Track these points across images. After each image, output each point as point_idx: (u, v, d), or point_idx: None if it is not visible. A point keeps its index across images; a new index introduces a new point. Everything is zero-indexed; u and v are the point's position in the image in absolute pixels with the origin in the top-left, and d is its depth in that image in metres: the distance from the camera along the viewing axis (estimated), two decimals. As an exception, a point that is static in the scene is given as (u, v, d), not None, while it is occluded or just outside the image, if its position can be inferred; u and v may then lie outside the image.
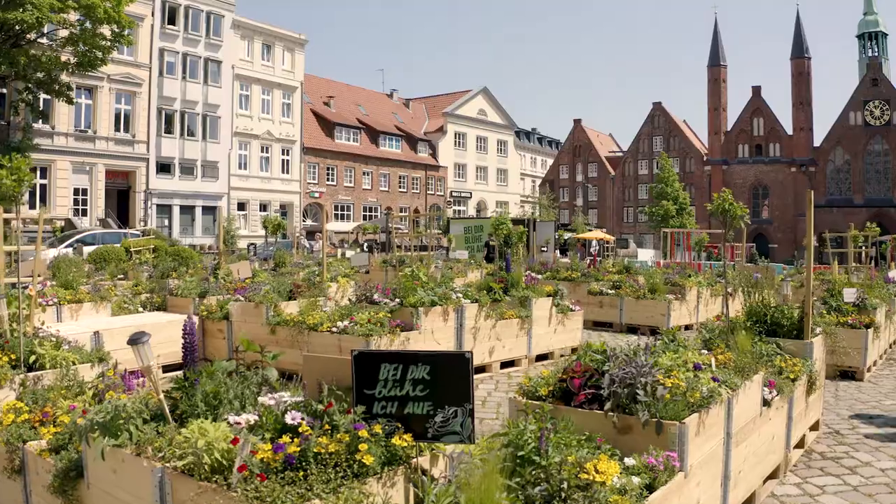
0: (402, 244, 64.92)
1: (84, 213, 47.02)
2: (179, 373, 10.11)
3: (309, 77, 67.37)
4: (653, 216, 67.78)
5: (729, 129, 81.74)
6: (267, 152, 60.56)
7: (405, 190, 76.59)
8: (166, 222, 52.48)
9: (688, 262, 36.33)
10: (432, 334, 8.50)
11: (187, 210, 53.88)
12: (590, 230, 54.29)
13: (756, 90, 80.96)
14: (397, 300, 8.56)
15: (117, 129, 48.77)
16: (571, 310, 10.99)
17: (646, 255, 60.11)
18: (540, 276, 16.19)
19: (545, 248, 31.78)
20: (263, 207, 60.54)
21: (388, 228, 59.80)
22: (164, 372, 9.61)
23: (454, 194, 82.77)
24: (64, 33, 37.78)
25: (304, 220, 65.30)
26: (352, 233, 67.15)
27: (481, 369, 9.41)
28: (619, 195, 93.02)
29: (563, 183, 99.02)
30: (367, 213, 71.47)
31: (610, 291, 14.91)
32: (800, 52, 77.98)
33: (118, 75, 47.81)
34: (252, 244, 34.24)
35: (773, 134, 79.62)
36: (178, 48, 52.04)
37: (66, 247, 29.24)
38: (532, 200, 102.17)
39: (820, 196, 76.89)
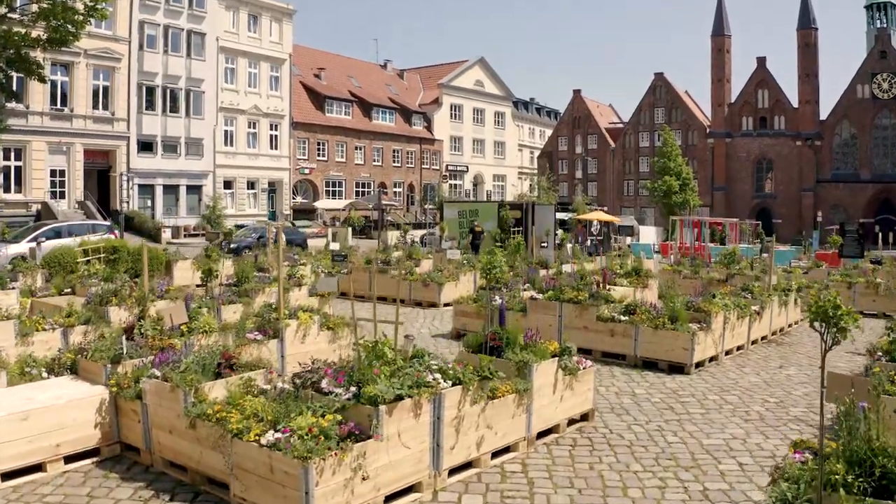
0: (394, 221, 63.44)
1: (62, 195, 44.88)
2: (87, 462, 8.14)
3: (298, 48, 64.83)
4: (655, 191, 65.60)
5: (733, 101, 79.30)
6: (254, 128, 58.25)
7: (399, 164, 74.44)
8: (149, 203, 50.33)
9: (696, 249, 34.43)
10: (399, 438, 6.37)
11: (171, 190, 51.76)
12: (591, 209, 52.07)
13: (761, 61, 78.46)
14: (353, 389, 6.44)
15: (95, 106, 46.48)
16: (581, 368, 8.86)
17: (648, 234, 58.10)
18: (541, 297, 14.11)
19: (545, 243, 29.56)
20: (251, 185, 58.46)
21: (380, 205, 57.81)
22: (67, 462, 7.58)
23: (450, 168, 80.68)
24: (35, 8, 35.24)
25: (294, 198, 63.12)
26: (344, 210, 65.05)
27: (468, 465, 7.31)
28: (619, 168, 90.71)
29: (561, 155, 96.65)
30: (360, 189, 69.32)
31: (623, 318, 12.79)
32: (806, 23, 75.38)
33: (95, 50, 45.43)
34: (226, 238, 32.01)
35: (779, 106, 77.20)
36: (159, 20, 49.59)
37: (30, 241, 27.05)
38: (531, 171, 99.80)
39: (825, 170, 74.77)
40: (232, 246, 31.80)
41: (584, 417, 9.13)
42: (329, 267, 22.54)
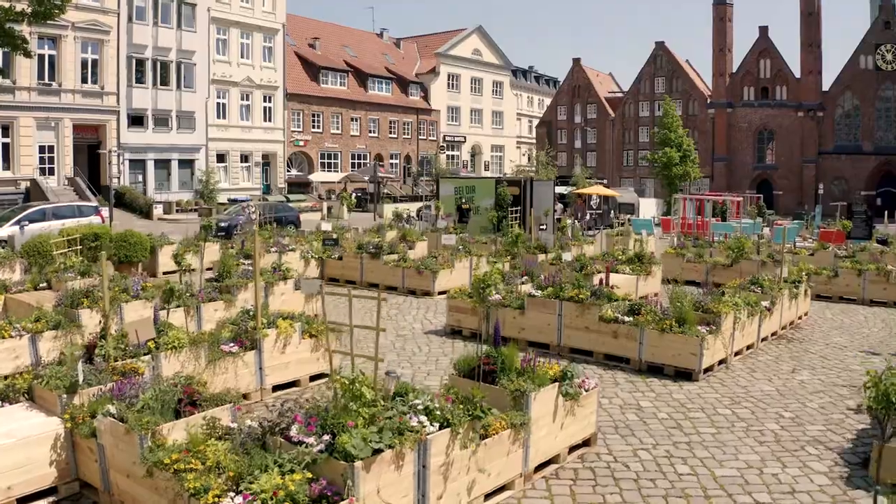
0: (390, 193, 62.57)
1: (51, 171, 43.94)
2: (43, 502, 7.39)
3: (292, 17, 63.57)
4: (655, 163, 64.58)
5: (734, 70, 77.91)
6: (247, 100, 57.16)
7: (396, 136, 73.42)
8: (140, 178, 49.43)
9: (698, 225, 33.68)
10: (378, 495, 5.63)
11: (162, 164, 50.80)
12: (591, 183, 51.09)
13: (763, 30, 76.93)
14: (327, 437, 5.70)
15: (84, 80, 45.39)
16: (584, 391, 8.11)
17: (648, 206, 57.22)
18: (539, 293, 13.35)
19: (544, 226, 28.66)
20: (245, 158, 57.50)
21: (376, 178, 56.88)
22: (20, 506, 6.87)
23: (447, 139, 79.66)
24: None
25: (288, 171, 62.18)
26: (340, 182, 64.07)
27: (458, 512, 6.58)
28: (618, 138, 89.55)
29: (560, 124, 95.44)
30: (356, 161, 68.32)
31: (627, 319, 12.02)
32: (810, -9, 73.90)
33: (83, 23, 44.29)
34: (205, 230, 30.71)
35: (781, 77, 75.85)
36: (148, -9, 48.31)
37: (12, 225, 26.19)
38: (529, 141, 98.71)
39: (827, 142, 73.65)
40: (222, 224, 30.74)
41: (587, 442, 8.41)
42: (319, 252, 21.76)
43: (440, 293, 18.90)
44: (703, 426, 9.32)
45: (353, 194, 60.97)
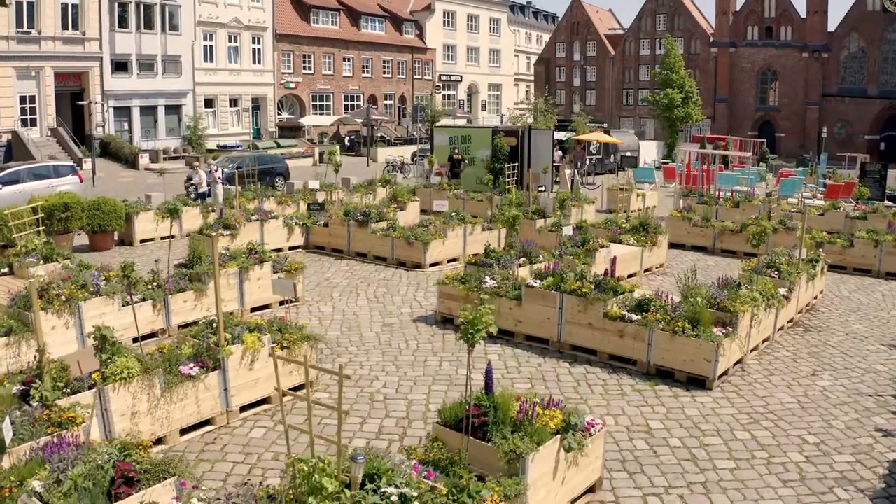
0: (384, 136, 61.12)
1: (33, 122, 42.47)
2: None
3: (281, -46, 61.26)
4: (657, 105, 62.85)
5: (738, 9, 75.59)
6: (235, 42, 55.24)
7: (390, 76, 71.57)
8: (126, 126, 47.95)
9: (704, 182, 32.48)
10: None
11: (148, 111, 49.26)
12: (591, 129, 49.45)
13: (769, -34, 74.66)
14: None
15: (65, 26, 43.52)
16: (589, 438, 7.08)
17: (649, 150, 55.94)
18: (538, 283, 12.28)
19: (543, 188, 27.37)
20: (234, 103, 55.89)
21: (370, 121, 55.33)
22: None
23: (443, 78, 77.77)
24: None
25: (279, 114, 60.58)
26: (332, 126, 62.55)
27: None
28: (618, 76, 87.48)
29: (559, 62, 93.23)
30: (349, 103, 66.65)
31: (634, 317, 10.97)
32: (818, -74, 71.31)
33: (62, -34, 42.41)
34: (190, 180, 28.05)
35: (786, 16, 73.55)
36: (128, -71, 46.24)
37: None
38: (527, 78, 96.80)
39: (831, 84, 71.74)
40: (205, 184, 28.37)
41: (591, 489, 7.43)
42: (304, 218, 20.63)
43: (432, 265, 17.90)
44: (721, 457, 8.33)
45: (348, 137, 59.68)
